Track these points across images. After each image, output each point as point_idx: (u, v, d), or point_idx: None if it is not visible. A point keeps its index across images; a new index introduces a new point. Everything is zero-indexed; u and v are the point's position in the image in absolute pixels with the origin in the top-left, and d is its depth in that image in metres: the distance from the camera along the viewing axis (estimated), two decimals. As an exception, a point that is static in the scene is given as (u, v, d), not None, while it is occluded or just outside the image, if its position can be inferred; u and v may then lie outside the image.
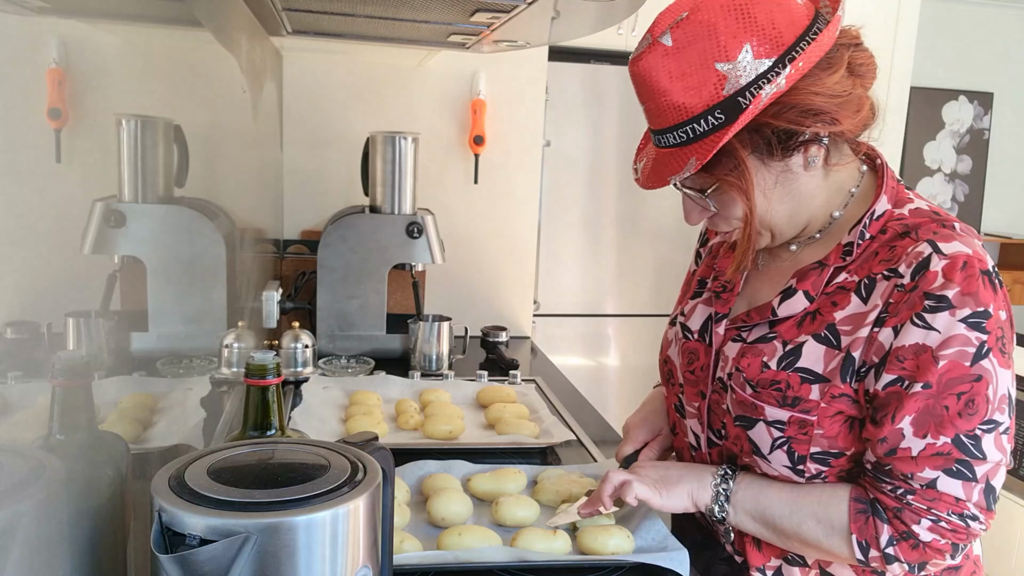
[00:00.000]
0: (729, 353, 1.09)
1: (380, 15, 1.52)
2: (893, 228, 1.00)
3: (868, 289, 0.98)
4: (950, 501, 0.93)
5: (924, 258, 0.93)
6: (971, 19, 4.27)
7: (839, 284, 1.01)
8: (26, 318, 0.62)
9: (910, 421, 0.93)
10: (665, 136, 0.98)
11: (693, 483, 1.09)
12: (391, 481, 0.78)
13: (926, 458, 0.93)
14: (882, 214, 1.01)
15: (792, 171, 0.99)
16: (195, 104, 1.17)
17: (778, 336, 1.04)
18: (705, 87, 0.93)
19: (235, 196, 1.47)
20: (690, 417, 1.17)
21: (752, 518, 1.05)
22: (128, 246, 0.87)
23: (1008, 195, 4.50)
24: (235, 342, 1.38)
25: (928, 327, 0.92)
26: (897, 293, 0.94)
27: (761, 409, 1.02)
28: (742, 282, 1.13)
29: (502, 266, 2.50)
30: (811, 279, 1.03)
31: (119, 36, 0.85)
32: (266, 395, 0.88)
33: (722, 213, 1.03)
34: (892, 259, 0.97)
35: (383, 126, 2.24)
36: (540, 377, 1.95)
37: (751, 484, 1.06)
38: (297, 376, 1.80)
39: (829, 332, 0.99)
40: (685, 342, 1.18)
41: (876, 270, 0.98)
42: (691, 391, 1.16)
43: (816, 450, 1.00)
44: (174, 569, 0.62)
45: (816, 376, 0.99)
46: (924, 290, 0.92)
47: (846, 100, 0.95)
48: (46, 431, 0.67)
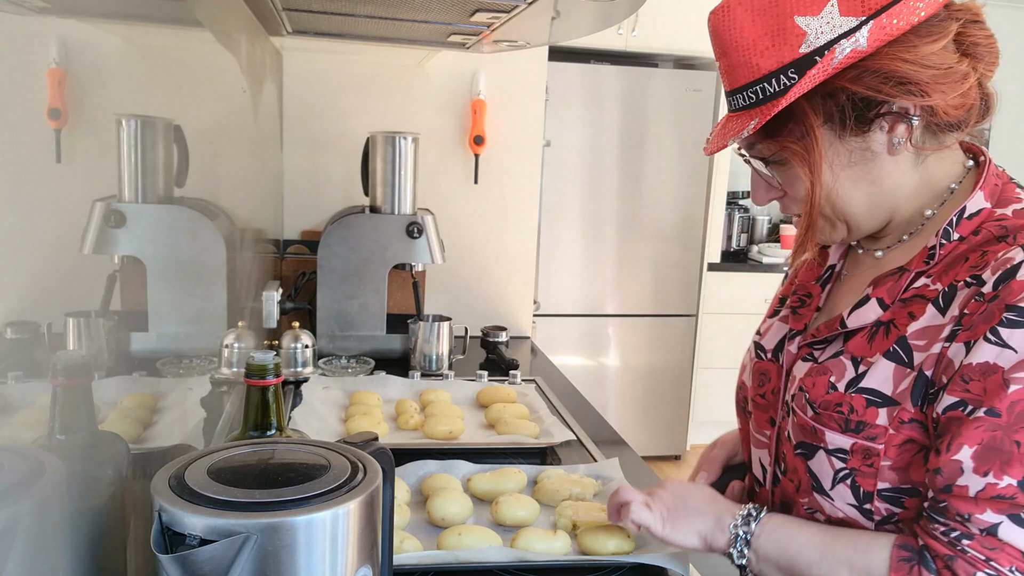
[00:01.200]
0: (798, 373, 0.96)
1: (380, 15, 1.52)
2: (988, 230, 0.85)
3: (947, 299, 0.84)
4: (1014, 554, 0.77)
5: (1013, 265, 0.79)
6: (971, 19, 4.27)
7: (917, 291, 0.87)
8: (26, 318, 0.63)
9: (971, 454, 0.78)
10: (736, 97, 0.90)
11: (709, 521, 0.97)
12: (391, 481, 0.78)
13: (987, 500, 0.77)
14: (976, 213, 0.87)
15: (872, 151, 0.87)
16: (195, 104, 1.17)
17: (846, 353, 0.91)
18: (781, 43, 0.84)
19: (235, 196, 1.47)
20: (759, 447, 1.04)
21: (776, 567, 0.92)
22: (128, 246, 0.87)
23: (1008, 195, 4.49)
24: (235, 342, 1.38)
25: (1003, 344, 0.77)
26: (975, 303, 0.80)
27: (821, 434, 0.89)
28: (823, 297, 1.01)
29: (502, 266, 2.50)
30: (887, 285, 0.90)
31: (119, 36, 0.85)
32: (266, 395, 0.88)
33: (789, 191, 0.93)
34: (980, 265, 0.83)
35: (383, 126, 2.24)
36: (540, 377, 1.95)
37: (777, 527, 0.93)
38: (297, 376, 1.80)
39: (900, 347, 0.86)
40: (757, 362, 1.05)
41: (960, 277, 0.84)
42: (761, 417, 1.03)
43: (884, 486, 0.86)
44: (174, 569, 0.62)
45: (884, 398, 0.85)
46: (1006, 302, 0.78)
47: (943, 74, 0.83)
48: (46, 431, 0.67)
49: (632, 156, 3.79)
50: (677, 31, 3.68)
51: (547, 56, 2.45)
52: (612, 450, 1.50)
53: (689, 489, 1.03)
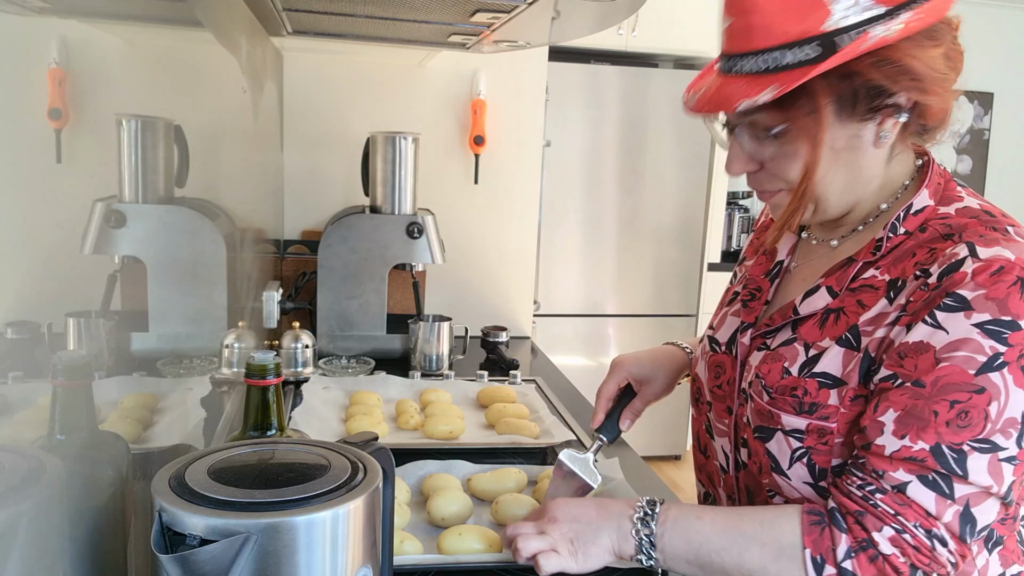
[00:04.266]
0: (753, 362, 1.01)
1: (380, 15, 1.52)
2: (935, 228, 0.91)
3: (898, 290, 0.90)
4: (920, 512, 0.83)
5: (957, 260, 0.85)
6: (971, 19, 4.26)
7: (866, 281, 0.93)
8: (26, 318, 0.63)
9: (893, 418, 0.85)
10: (744, 61, 0.88)
11: (612, 532, 0.96)
12: (391, 481, 0.78)
13: (900, 460, 0.84)
14: (921, 209, 0.93)
15: (861, 140, 0.90)
16: (195, 104, 1.18)
17: (799, 339, 0.96)
18: (807, 15, 0.84)
19: (235, 196, 1.47)
20: (720, 436, 1.08)
21: (686, 560, 0.93)
22: (128, 246, 0.87)
23: (1008, 195, 4.50)
24: (235, 342, 1.39)
25: (936, 326, 0.84)
26: (919, 292, 0.87)
27: (777, 417, 0.94)
28: (772, 291, 1.06)
29: (502, 266, 2.50)
30: (837, 275, 0.96)
31: (120, 36, 0.85)
32: (266, 395, 0.88)
33: (774, 166, 0.93)
34: (928, 261, 0.88)
35: (383, 126, 2.24)
36: (540, 377, 1.95)
37: (678, 520, 0.94)
38: (297, 376, 1.80)
39: (851, 334, 0.91)
40: (712, 355, 1.10)
41: (909, 271, 0.90)
42: (719, 408, 1.07)
43: (838, 462, 0.91)
44: (174, 569, 0.62)
45: (834, 380, 0.91)
46: (947, 289, 0.84)
47: (942, 79, 0.87)
48: (46, 431, 0.67)
49: (632, 156, 3.79)
50: (677, 31, 3.68)
51: (547, 56, 2.45)
52: (612, 450, 1.50)
53: (577, 507, 1.01)
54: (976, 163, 4.53)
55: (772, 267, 1.09)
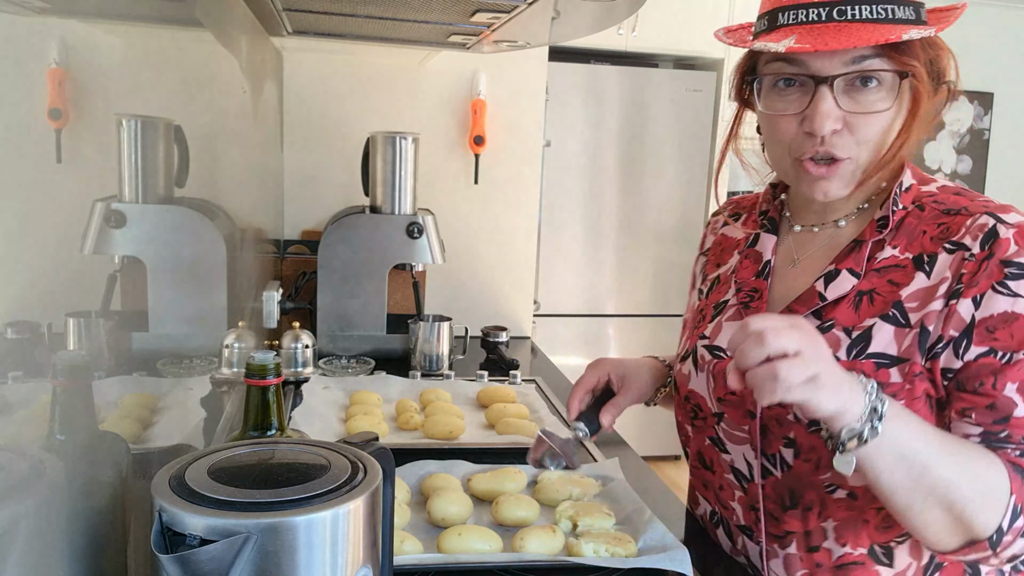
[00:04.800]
0: None
1: (380, 15, 1.52)
2: (931, 206, 0.98)
3: (930, 264, 0.94)
4: None
5: (991, 228, 0.92)
6: (971, 19, 4.27)
7: (888, 261, 0.97)
8: (26, 318, 0.63)
9: (1016, 389, 0.89)
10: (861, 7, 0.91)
11: (849, 385, 0.83)
12: (391, 481, 0.78)
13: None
14: (909, 187, 1.00)
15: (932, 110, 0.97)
16: (196, 104, 1.18)
17: (836, 324, 0.97)
18: None
19: (235, 196, 1.47)
20: (738, 444, 1.05)
21: (899, 454, 0.84)
22: (128, 246, 0.87)
23: (1008, 195, 4.49)
24: (235, 342, 1.39)
25: (1014, 294, 0.89)
26: (969, 263, 0.91)
27: None
28: (768, 289, 1.07)
29: (502, 266, 2.50)
30: (852, 257, 0.99)
31: (120, 36, 0.85)
32: (266, 395, 0.88)
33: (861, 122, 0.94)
34: (949, 236, 0.94)
35: (383, 126, 2.24)
36: (540, 377, 1.95)
37: (904, 414, 0.86)
38: (297, 376, 1.80)
39: (896, 311, 0.94)
40: (718, 363, 1.08)
41: (930, 247, 0.95)
42: (735, 414, 1.05)
43: None
44: (174, 569, 0.62)
45: (892, 359, 0.93)
46: (1000, 258, 0.90)
47: None
48: (46, 431, 0.67)
49: (632, 156, 3.79)
50: (677, 31, 3.67)
51: (547, 56, 2.45)
52: (612, 450, 1.50)
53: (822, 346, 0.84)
54: (976, 163, 4.53)
55: (762, 268, 1.09)
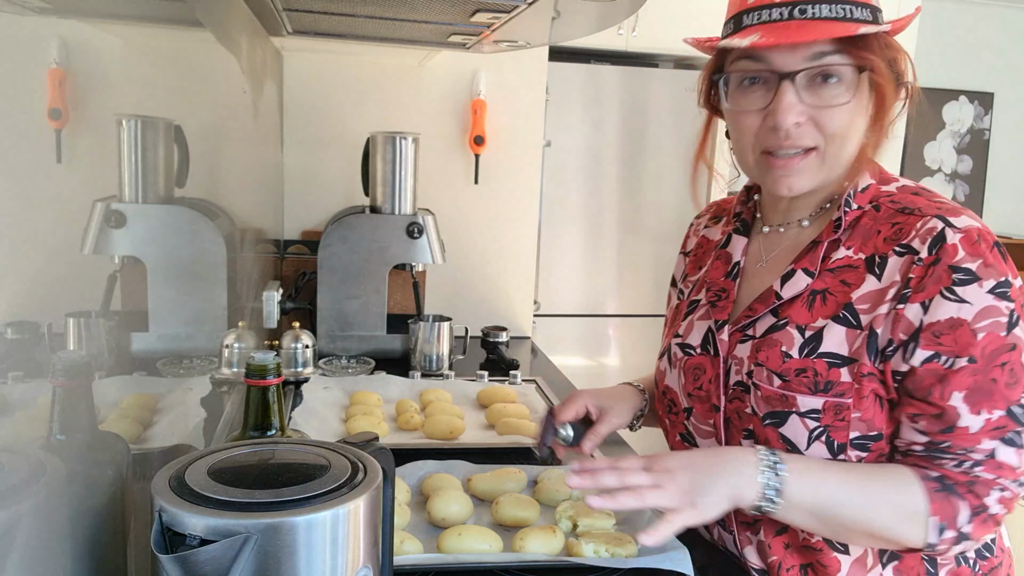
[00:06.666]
0: (742, 354, 1.04)
1: (380, 15, 1.52)
2: (887, 205, 0.99)
3: (881, 267, 0.96)
4: (1010, 469, 0.91)
5: (939, 232, 0.93)
6: (971, 19, 4.27)
7: (841, 261, 0.99)
8: (26, 318, 0.63)
9: (962, 398, 0.90)
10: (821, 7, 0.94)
11: (730, 479, 0.93)
12: (391, 481, 0.78)
13: (984, 432, 0.91)
14: (866, 188, 1.01)
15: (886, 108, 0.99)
16: (196, 104, 1.18)
17: (790, 322, 1.00)
18: None
19: (235, 196, 1.47)
20: (705, 437, 1.11)
21: (808, 511, 0.93)
22: (128, 246, 0.87)
23: (1008, 195, 4.49)
24: (235, 342, 1.38)
25: (961, 300, 0.90)
26: (917, 268, 0.92)
27: (792, 400, 0.97)
28: (735, 289, 1.11)
29: (502, 266, 2.50)
30: (807, 257, 1.02)
31: (120, 36, 0.85)
32: (266, 395, 0.88)
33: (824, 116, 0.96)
34: (900, 236, 0.95)
35: (383, 126, 2.24)
36: (540, 377, 1.95)
37: (805, 473, 0.94)
38: (297, 376, 1.80)
39: (847, 312, 0.97)
40: (687, 359, 1.13)
41: (883, 248, 0.96)
42: (702, 408, 1.10)
43: (855, 435, 0.96)
44: (174, 569, 0.62)
45: (843, 359, 0.96)
46: (948, 263, 0.91)
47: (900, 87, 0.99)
48: (46, 431, 0.67)
49: (632, 156, 3.79)
50: (677, 31, 3.65)
51: (547, 56, 2.45)
52: (612, 450, 1.50)
53: (689, 456, 0.98)
54: (976, 163, 4.52)
55: (731, 268, 1.13)
